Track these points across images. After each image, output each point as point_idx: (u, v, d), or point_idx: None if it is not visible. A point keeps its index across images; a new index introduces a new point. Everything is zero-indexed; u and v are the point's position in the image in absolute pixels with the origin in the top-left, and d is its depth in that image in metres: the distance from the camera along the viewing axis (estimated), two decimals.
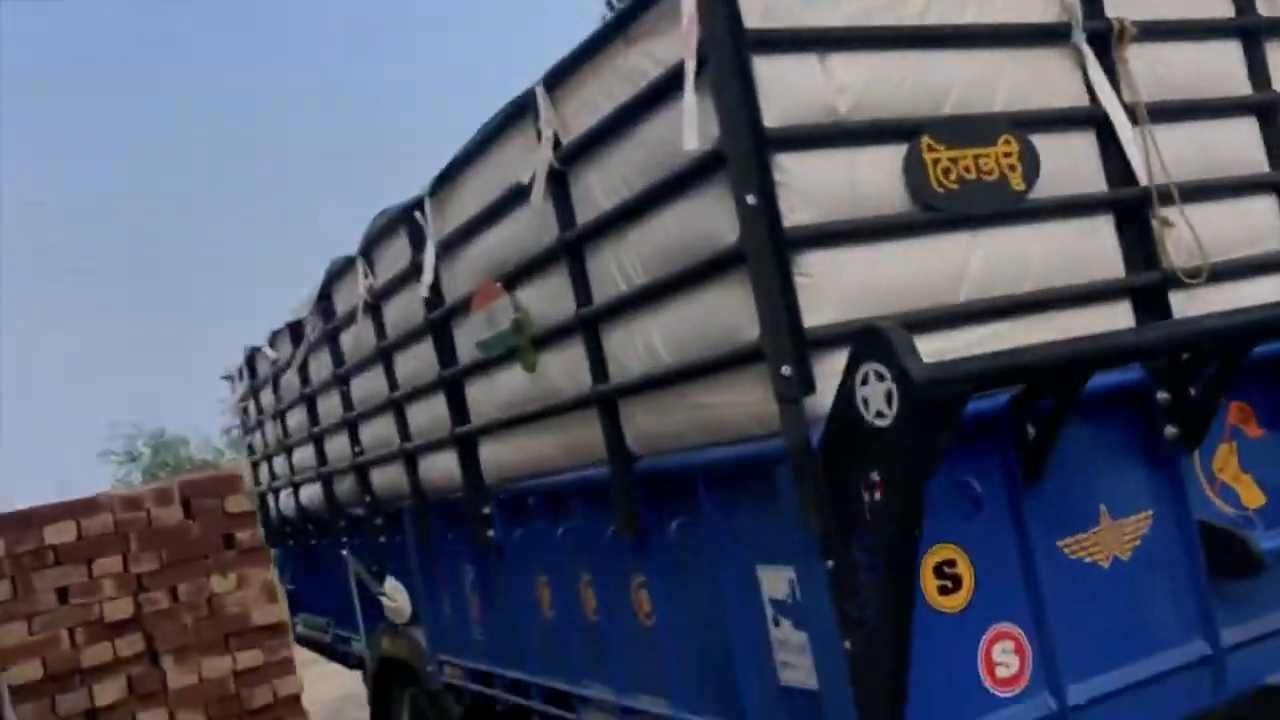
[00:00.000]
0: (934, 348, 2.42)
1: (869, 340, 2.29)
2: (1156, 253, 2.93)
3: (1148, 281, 2.92)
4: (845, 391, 2.37)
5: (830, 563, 2.51)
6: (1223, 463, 3.07)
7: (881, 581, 2.39)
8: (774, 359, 2.50)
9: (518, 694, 4.38)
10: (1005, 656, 2.70)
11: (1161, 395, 2.91)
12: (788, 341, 2.47)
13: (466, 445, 4.28)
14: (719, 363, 2.72)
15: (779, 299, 2.48)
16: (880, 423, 2.30)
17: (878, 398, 2.29)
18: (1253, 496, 3.09)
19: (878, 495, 2.36)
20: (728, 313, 2.67)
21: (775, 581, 2.81)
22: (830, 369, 2.47)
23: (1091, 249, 2.91)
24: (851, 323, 2.52)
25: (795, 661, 2.78)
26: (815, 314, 2.51)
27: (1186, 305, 2.94)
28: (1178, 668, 2.87)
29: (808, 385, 2.48)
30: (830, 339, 2.51)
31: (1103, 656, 2.80)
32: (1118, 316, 2.89)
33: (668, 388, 2.98)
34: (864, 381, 2.32)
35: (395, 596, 5.51)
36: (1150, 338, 2.71)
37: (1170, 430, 2.91)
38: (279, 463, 7.36)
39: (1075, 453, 2.81)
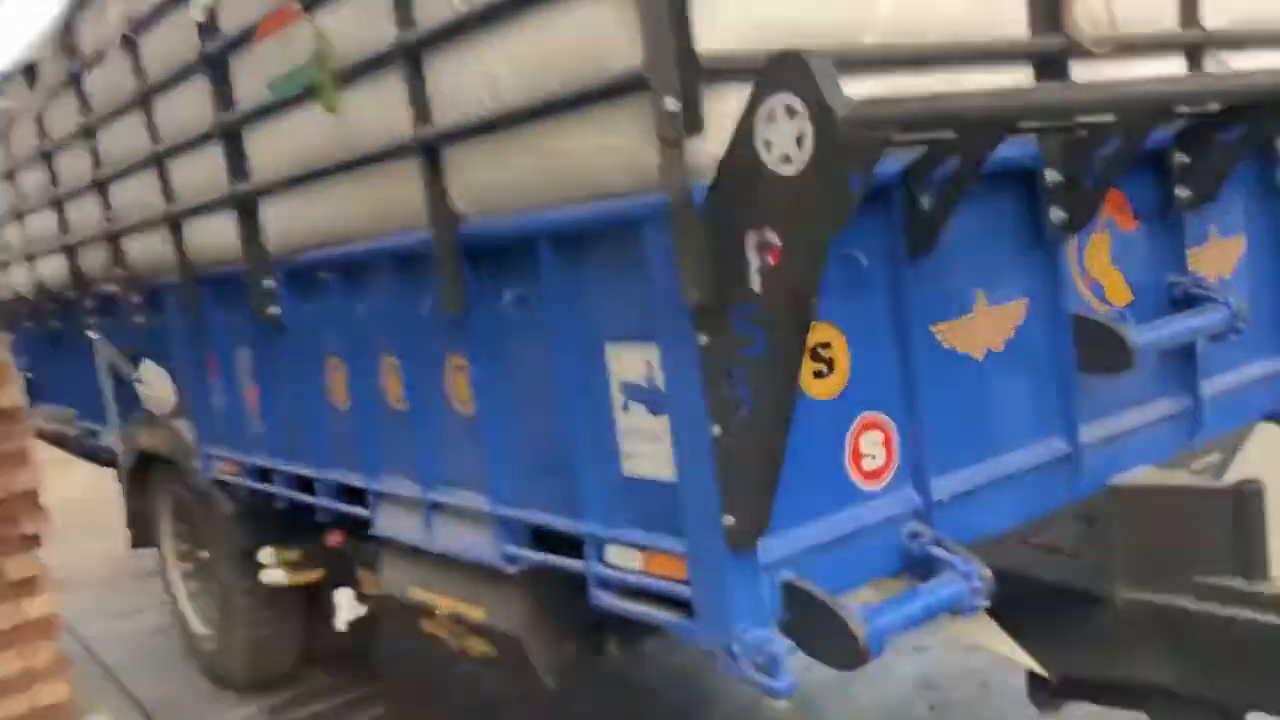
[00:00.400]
0: None
1: (783, 68, 1.89)
2: (1064, 16, 2.63)
3: (1054, 46, 2.62)
4: (744, 131, 1.97)
5: (704, 338, 2.16)
6: (1094, 255, 2.90)
7: (765, 360, 2.07)
8: (658, 89, 2.06)
9: (302, 490, 3.93)
10: (872, 448, 2.47)
11: (1051, 175, 2.67)
12: (675, 67, 2.03)
13: (246, 208, 3.65)
14: (583, 97, 2.26)
15: (667, 14, 2.03)
16: (785, 170, 1.93)
17: (785, 139, 1.91)
18: (1119, 292, 2.95)
19: (771, 259, 2.01)
20: (598, 33, 2.19)
21: (628, 362, 2.45)
22: (722, 107, 2.07)
23: (1000, 3, 2.57)
24: (749, 54, 2.09)
25: (646, 451, 2.45)
26: (708, 37, 2.08)
27: (1086, 78, 2.67)
28: (1037, 465, 2.74)
29: (695, 123, 2.06)
30: (724, 70, 2.08)
31: (966, 451, 2.63)
32: (1018, 82, 2.59)
33: (511, 131, 2.49)
34: (770, 119, 1.92)
35: (154, 384, 4.87)
36: (1098, 96, 2.40)
37: (1056, 213, 2.69)
38: (11, 232, 6.37)
39: (958, 232, 2.54)
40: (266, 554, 4.42)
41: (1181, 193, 2.97)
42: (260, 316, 3.70)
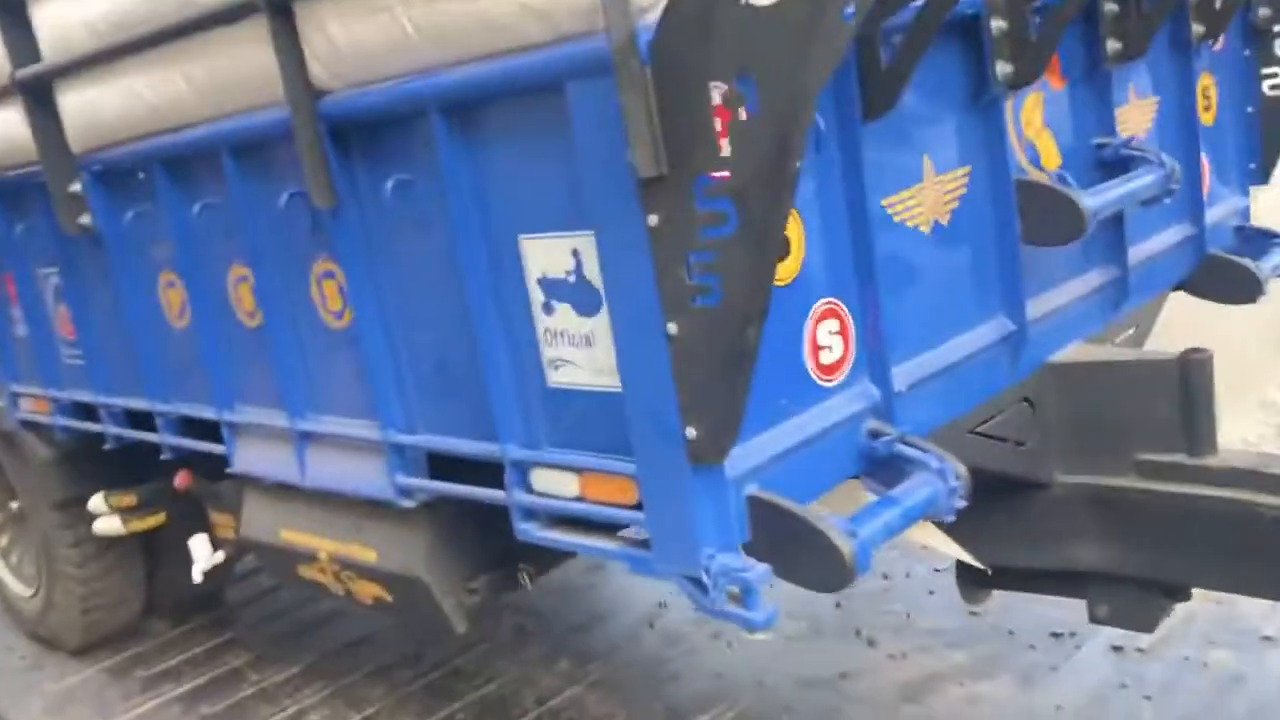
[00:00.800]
0: None
1: None
2: None
3: None
4: None
5: (654, 219, 1.80)
6: (1030, 116, 2.67)
7: (737, 239, 1.73)
8: None
9: (138, 427, 3.40)
10: (829, 339, 2.18)
11: (997, 24, 2.40)
12: None
13: (38, 96, 3.02)
14: None
15: None
16: None
17: None
18: (1051, 156, 2.73)
19: (744, 115, 1.66)
20: None
21: (549, 255, 2.07)
22: None
23: None
24: None
25: (576, 358, 2.10)
26: None
27: None
28: (985, 347, 2.52)
29: None
30: None
31: (920, 337, 2.38)
32: None
33: None
34: None
35: None
36: None
37: (1003, 68, 2.42)
38: None
39: (905, 93, 2.24)
40: (97, 501, 3.87)
41: (1112, 46, 2.76)
42: (68, 228, 3.11)
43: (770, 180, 1.67)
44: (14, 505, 4.58)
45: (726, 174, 1.69)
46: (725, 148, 1.68)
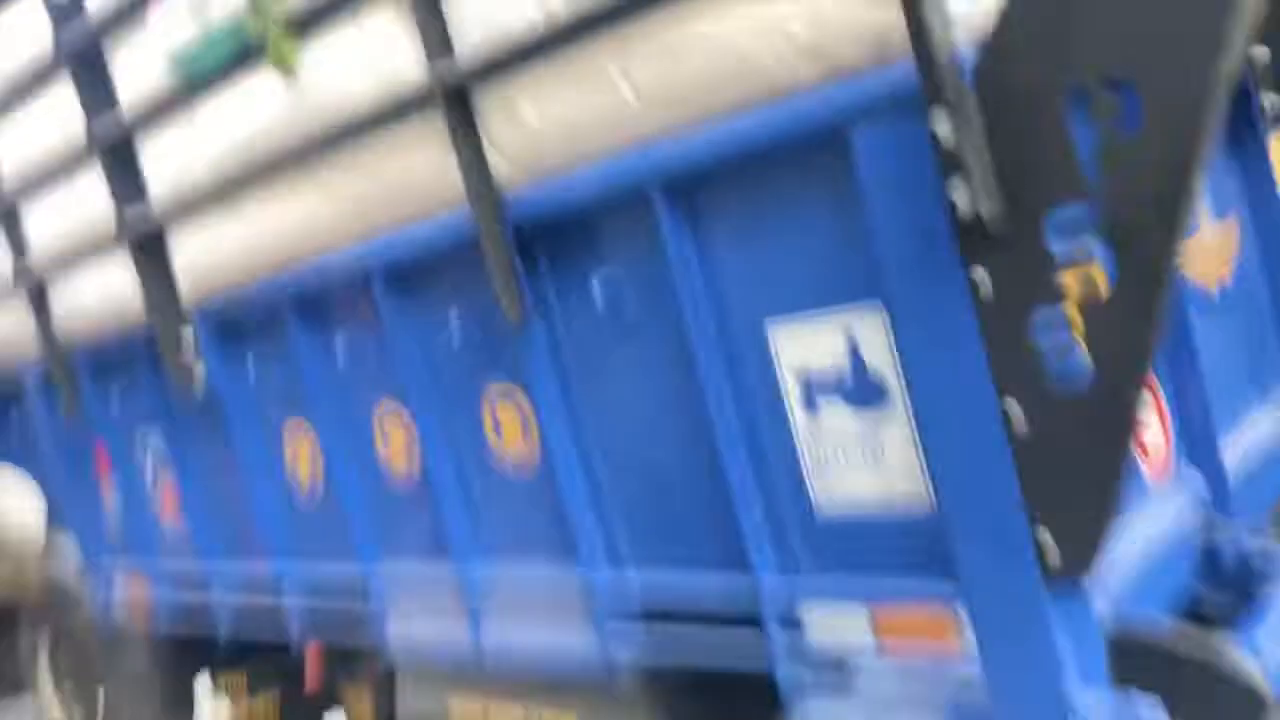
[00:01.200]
0: None
1: None
2: None
3: None
4: None
5: (984, 274, 1.45)
6: (1277, 160, 2.34)
7: (1114, 289, 1.37)
8: None
9: (259, 592, 2.96)
10: (1147, 419, 1.80)
11: (1259, 50, 2.10)
12: None
13: (146, 245, 2.71)
14: None
15: None
16: None
17: None
18: None
19: (1119, 125, 1.32)
20: None
21: (810, 340, 1.72)
22: None
23: None
24: None
25: (854, 465, 1.71)
26: None
27: None
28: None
29: None
30: None
31: (1226, 417, 1.99)
32: None
33: (590, 42, 1.74)
34: None
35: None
36: None
37: (1270, 100, 2.11)
38: None
39: None
40: (203, 685, 3.43)
41: None
42: (185, 385, 2.75)
43: (1162, 207, 1.32)
44: (101, 700, 4.13)
45: (1096, 205, 1.35)
46: (1094, 171, 1.34)
